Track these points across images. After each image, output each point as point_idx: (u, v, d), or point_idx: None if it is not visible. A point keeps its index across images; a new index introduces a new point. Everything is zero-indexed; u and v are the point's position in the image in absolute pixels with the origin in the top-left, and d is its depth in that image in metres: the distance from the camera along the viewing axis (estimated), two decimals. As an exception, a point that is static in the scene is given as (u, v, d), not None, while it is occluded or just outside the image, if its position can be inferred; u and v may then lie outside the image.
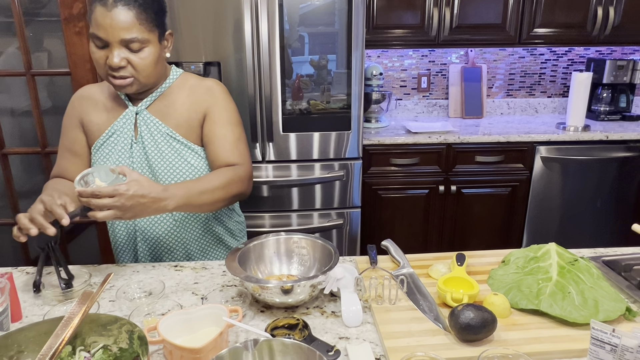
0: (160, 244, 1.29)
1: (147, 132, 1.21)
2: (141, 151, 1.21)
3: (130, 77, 1.12)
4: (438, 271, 1.10)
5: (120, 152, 1.21)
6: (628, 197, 2.67)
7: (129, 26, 1.06)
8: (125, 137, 1.21)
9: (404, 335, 0.89)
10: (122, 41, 1.07)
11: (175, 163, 1.21)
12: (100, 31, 1.06)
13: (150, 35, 1.10)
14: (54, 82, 2.72)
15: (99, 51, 1.10)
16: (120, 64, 1.08)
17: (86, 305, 0.83)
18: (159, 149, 1.20)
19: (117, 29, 1.05)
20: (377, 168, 2.52)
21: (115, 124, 1.22)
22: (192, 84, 1.24)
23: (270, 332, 0.89)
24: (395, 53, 2.97)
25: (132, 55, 1.09)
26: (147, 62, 1.11)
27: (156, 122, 1.21)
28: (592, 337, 0.72)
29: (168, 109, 1.22)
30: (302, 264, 1.14)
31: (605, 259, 1.15)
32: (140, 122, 1.21)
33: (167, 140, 1.21)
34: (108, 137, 1.22)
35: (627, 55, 3.07)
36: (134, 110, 1.21)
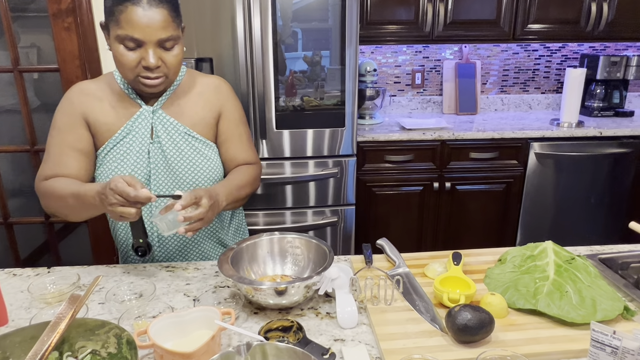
0: (174, 244, 1.26)
1: (163, 132, 1.18)
2: (159, 151, 1.17)
3: (163, 77, 1.10)
4: (434, 270, 1.09)
5: (137, 152, 1.16)
6: (621, 193, 2.67)
7: (165, 25, 1.03)
8: (142, 138, 1.17)
9: (400, 337, 0.87)
10: (158, 41, 1.04)
11: (195, 160, 1.19)
12: (136, 32, 1.02)
13: (178, 32, 1.09)
14: (44, 78, 2.67)
15: (130, 53, 1.05)
16: (158, 64, 1.06)
17: (73, 309, 0.80)
18: (178, 148, 1.18)
19: (155, 29, 1.02)
20: (371, 165, 2.50)
21: (129, 124, 1.17)
22: (200, 82, 1.23)
23: (264, 334, 0.87)
24: (389, 49, 2.94)
25: (166, 54, 1.07)
26: (179, 60, 1.10)
27: (173, 122, 1.18)
28: (592, 339, 0.71)
29: (182, 108, 1.20)
30: (296, 264, 1.12)
31: (602, 257, 1.14)
32: (156, 121, 1.17)
33: (186, 139, 1.19)
34: (122, 138, 1.17)
35: (621, 51, 3.07)
36: (150, 109, 1.17)
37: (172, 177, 1.19)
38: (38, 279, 1.07)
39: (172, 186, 1.20)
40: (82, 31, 2.10)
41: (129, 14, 1.01)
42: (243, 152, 1.26)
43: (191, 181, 1.20)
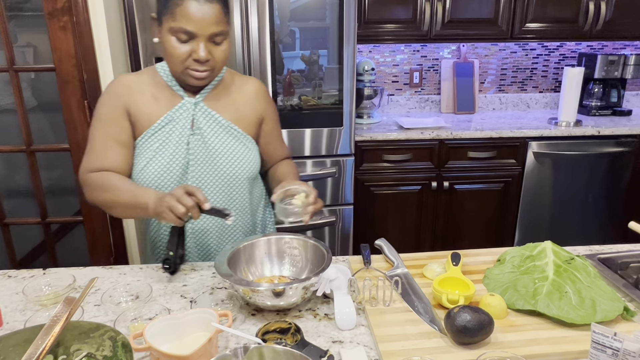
0: (208, 239, 1.25)
1: (205, 124, 1.19)
2: (200, 142, 1.19)
3: (210, 70, 1.13)
4: (433, 271, 1.08)
5: (176, 142, 1.17)
6: (619, 192, 2.67)
7: (218, 19, 1.07)
8: (182, 128, 1.18)
9: (399, 339, 0.87)
10: (211, 35, 1.08)
11: (238, 152, 1.22)
12: (190, 25, 1.05)
13: (228, 27, 1.13)
14: (41, 78, 2.66)
15: (182, 45, 1.08)
16: (208, 57, 1.09)
17: (68, 311, 0.79)
18: (221, 140, 1.20)
19: (209, 23, 1.06)
20: (369, 164, 2.50)
21: (170, 114, 1.18)
22: (240, 81, 1.28)
23: (262, 337, 0.86)
24: (387, 48, 2.94)
25: (215, 48, 1.11)
26: (226, 55, 1.14)
27: (214, 114, 1.21)
28: (593, 340, 0.70)
29: (224, 103, 1.23)
30: (294, 265, 1.11)
31: (601, 257, 1.14)
32: (198, 113, 1.20)
33: (229, 132, 1.22)
34: (161, 127, 1.18)
35: (618, 50, 3.07)
36: (192, 101, 1.19)
37: (212, 168, 1.20)
38: (33, 281, 1.06)
39: (209, 177, 1.21)
40: (78, 30, 2.08)
41: (185, 7, 1.04)
42: (282, 149, 1.37)
43: (230, 173, 1.21)
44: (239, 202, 1.25)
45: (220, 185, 1.21)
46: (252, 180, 1.26)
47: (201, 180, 1.20)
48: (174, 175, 1.18)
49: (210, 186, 1.21)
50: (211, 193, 1.21)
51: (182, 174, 1.18)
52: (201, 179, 1.20)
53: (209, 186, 1.21)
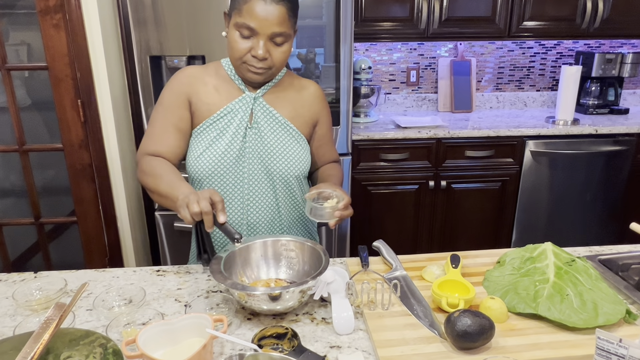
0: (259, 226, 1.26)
1: (263, 118, 1.22)
2: (256, 136, 1.21)
3: (267, 69, 1.15)
4: (432, 273, 1.07)
5: (233, 133, 1.20)
6: (616, 191, 2.67)
7: (281, 21, 1.09)
8: (241, 120, 1.20)
9: (398, 344, 0.85)
10: (271, 34, 1.10)
11: (292, 149, 1.23)
12: (253, 21, 1.08)
13: (291, 31, 1.14)
14: (35, 76, 2.62)
15: (243, 41, 1.12)
16: (265, 55, 1.11)
17: (59, 318, 0.77)
18: (277, 136, 1.22)
19: (271, 22, 1.08)
20: (366, 163, 2.48)
21: (230, 106, 1.21)
22: (299, 83, 1.30)
23: (258, 342, 0.84)
24: (384, 46, 2.92)
25: (274, 49, 1.13)
26: (285, 57, 1.16)
27: (272, 111, 1.22)
28: (598, 347, 0.69)
29: (282, 101, 1.25)
30: (290, 268, 1.09)
31: (602, 258, 1.13)
32: (257, 108, 1.22)
33: (285, 129, 1.23)
34: (220, 117, 1.20)
35: (616, 48, 3.06)
36: (252, 95, 1.21)
37: (265, 162, 1.21)
38: (24, 285, 1.04)
39: (262, 171, 1.22)
40: (71, 28, 2.05)
41: (252, 5, 1.08)
42: (332, 152, 1.39)
43: (281, 168, 1.22)
44: (286, 198, 1.26)
45: (270, 179, 1.23)
46: (302, 178, 1.27)
47: (253, 172, 1.22)
48: (228, 165, 1.20)
49: (261, 179, 1.22)
50: (261, 186, 1.22)
51: (236, 164, 1.20)
52: (254, 172, 1.21)
53: (260, 179, 1.22)
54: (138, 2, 2.04)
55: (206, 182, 1.21)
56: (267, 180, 1.23)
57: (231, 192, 1.22)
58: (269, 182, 1.23)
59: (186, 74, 1.24)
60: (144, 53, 2.10)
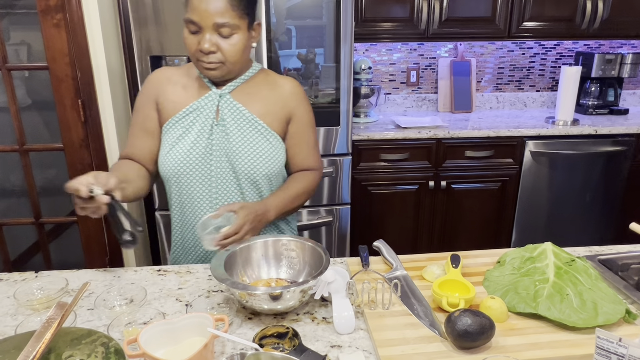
0: None
1: (229, 115, 1.20)
2: (222, 133, 1.20)
3: (218, 63, 1.13)
4: (432, 273, 1.07)
5: (199, 131, 1.19)
6: (616, 191, 2.67)
7: (222, 10, 1.08)
8: (206, 118, 1.20)
9: (399, 343, 0.85)
10: (214, 25, 1.09)
11: (259, 146, 1.20)
12: (194, 15, 1.08)
13: (240, 22, 1.12)
14: (35, 76, 2.63)
15: (191, 36, 1.12)
16: (211, 49, 1.10)
17: (60, 317, 0.77)
18: (243, 133, 1.20)
19: (211, 13, 1.08)
20: (366, 164, 2.48)
21: (196, 103, 1.21)
22: (275, 80, 1.27)
23: (259, 342, 0.84)
24: (384, 47, 2.92)
25: (222, 41, 1.11)
26: (236, 49, 1.13)
27: (240, 107, 1.21)
28: (597, 346, 0.69)
29: (251, 97, 1.23)
30: (291, 267, 1.09)
31: (601, 258, 1.13)
32: (223, 105, 1.21)
33: (253, 125, 1.21)
34: (186, 115, 1.20)
35: (615, 49, 3.06)
36: (218, 92, 1.21)
37: (231, 160, 1.20)
38: (25, 285, 1.04)
39: (229, 170, 1.21)
40: (71, 28, 2.05)
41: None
42: (307, 157, 1.30)
43: (247, 167, 1.20)
44: (254, 198, 1.24)
45: (237, 177, 1.21)
46: (271, 177, 1.24)
47: (221, 170, 1.21)
48: (195, 163, 1.20)
49: (228, 178, 1.21)
50: (229, 185, 1.22)
51: (204, 162, 1.20)
52: (221, 170, 1.21)
53: (228, 178, 1.21)
54: (138, 2, 2.04)
55: (174, 180, 1.22)
56: (234, 179, 1.21)
57: (199, 191, 1.22)
58: (236, 180, 1.22)
59: (156, 75, 1.26)
60: (145, 53, 2.10)
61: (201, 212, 1.23)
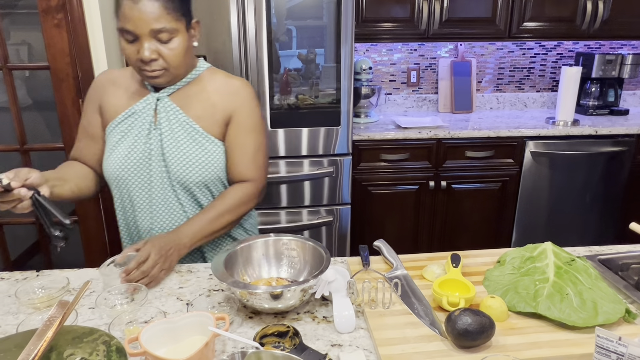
0: None
1: (165, 119, 1.18)
2: (158, 138, 1.18)
3: (162, 70, 1.11)
4: (432, 272, 1.07)
5: (137, 135, 1.18)
6: (616, 191, 2.67)
7: (157, 16, 1.05)
8: (144, 121, 1.18)
9: (399, 342, 0.85)
10: (151, 32, 1.05)
11: (192, 152, 1.17)
12: (129, 24, 1.05)
13: (178, 25, 1.09)
14: (36, 76, 2.63)
15: (129, 46, 1.08)
16: (152, 56, 1.07)
17: (62, 316, 0.77)
18: (175, 137, 1.17)
19: (146, 20, 1.04)
20: (366, 164, 2.49)
21: (135, 107, 1.19)
22: (220, 80, 1.22)
23: (259, 340, 0.85)
24: (384, 47, 2.92)
25: (162, 47, 1.08)
26: (177, 52, 1.10)
27: (176, 110, 1.18)
28: (597, 345, 0.69)
29: (191, 99, 1.19)
30: (292, 267, 1.09)
31: (601, 258, 1.13)
32: (160, 108, 1.18)
33: (185, 129, 1.18)
34: (125, 118, 1.19)
35: (616, 49, 3.07)
36: (156, 95, 1.19)
37: (167, 166, 1.18)
38: (26, 283, 1.04)
39: (166, 176, 1.19)
40: (72, 28, 2.06)
41: (124, 7, 1.05)
42: (241, 164, 1.22)
43: (179, 174, 1.18)
44: (192, 206, 1.22)
45: (172, 184, 1.19)
46: (210, 184, 1.20)
47: (160, 176, 1.19)
48: (133, 167, 1.19)
49: (166, 184, 1.19)
50: (166, 192, 1.20)
51: (142, 168, 1.19)
52: (160, 175, 1.19)
53: (165, 184, 1.19)
54: (139, 2, 2.04)
55: (115, 184, 1.21)
56: (170, 186, 1.19)
57: (139, 196, 1.20)
58: (171, 187, 1.19)
59: (100, 78, 1.25)
60: (146, 53, 2.11)
61: (141, 218, 1.22)
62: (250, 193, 1.22)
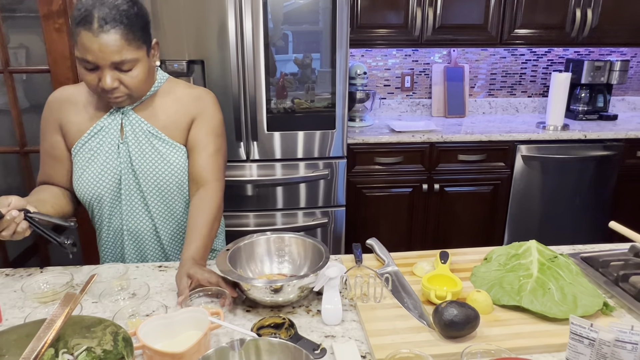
0: (145, 244, 1.28)
1: (131, 132, 1.19)
2: (126, 152, 1.19)
3: (124, 95, 1.12)
4: (422, 269, 1.12)
5: (106, 152, 1.19)
6: (605, 195, 2.73)
7: (118, 49, 1.03)
8: (112, 137, 1.19)
9: (389, 333, 0.90)
10: (112, 64, 1.05)
11: (156, 163, 1.20)
12: (88, 55, 1.03)
13: (139, 53, 1.08)
14: (33, 79, 2.66)
15: (89, 73, 1.07)
16: (113, 85, 1.07)
17: (69, 307, 0.82)
18: (141, 149, 1.19)
19: (106, 53, 1.03)
20: (361, 167, 2.53)
21: (100, 123, 1.19)
22: (182, 91, 1.24)
23: (257, 331, 0.89)
24: (379, 52, 2.98)
25: (124, 75, 1.08)
26: (138, 80, 1.11)
27: (141, 122, 1.20)
28: (571, 331, 0.74)
29: (155, 110, 1.21)
30: (292, 263, 1.14)
31: (584, 256, 1.18)
32: (126, 122, 1.19)
33: (150, 140, 1.20)
34: (91, 137, 1.19)
35: (605, 56, 3.14)
36: (121, 110, 1.19)
37: (136, 178, 1.20)
38: (31, 279, 1.08)
39: (137, 188, 1.21)
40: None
41: (82, 38, 1.02)
42: (203, 166, 1.21)
43: (153, 183, 1.20)
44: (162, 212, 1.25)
45: (143, 195, 1.21)
46: (183, 188, 1.23)
47: (132, 189, 1.21)
48: (108, 184, 1.19)
49: (139, 195, 1.22)
50: (138, 206, 1.22)
51: (117, 183, 1.20)
52: (132, 189, 1.21)
53: (139, 196, 1.22)
54: (139, 8, 2.09)
55: (90, 205, 1.22)
56: (140, 199, 1.21)
57: (113, 212, 1.22)
58: (142, 200, 1.21)
59: (55, 97, 1.22)
60: (145, 57, 2.15)
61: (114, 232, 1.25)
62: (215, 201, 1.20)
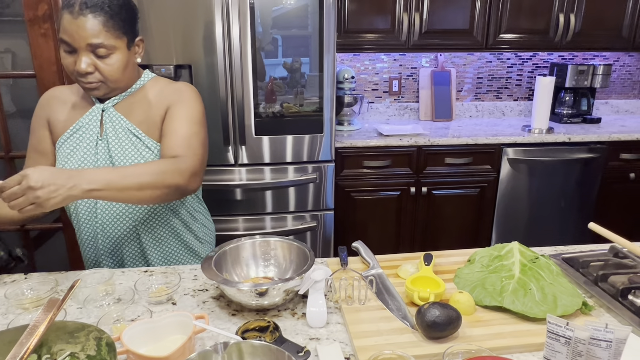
0: (121, 245, 1.28)
1: (111, 129, 1.21)
2: (105, 148, 1.21)
3: (98, 82, 1.14)
4: (406, 271, 1.13)
5: (85, 148, 1.21)
6: (589, 196, 2.78)
7: (96, 33, 1.08)
8: (91, 134, 1.21)
9: (373, 335, 0.91)
10: (88, 46, 1.09)
11: (134, 160, 1.21)
12: (66, 36, 1.08)
13: (117, 42, 1.11)
14: (20, 84, 2.64)
15: (67, 56, 1.11)
16: (87, 69, 1.10)
17: (52, 312, 0.81)
18: (121, 146, 1.21)
19: (83, 35, 1.07)
20: (349, 170, 2.55)
21: (81, 120, 1.22)
22: (162, 85, 1.26)
23: (241, 335, 0.89)
24: (367, 57, 3.01)
25: (99, 62, 1.11)
26: (114, 69, 1.13)
27: (120, 119, 1.21)
28: (548, 330, 0.76)
29: (134, 107, 1.23)
30: (277, 267, 1.14)
31: (565, 256, 1.20)
32: (106, 119, 1.21)
33: (129, 137, 1.21)
34: (73, 133, 1.22)
35: (588, 60, 3.20)
36: (101, 107, 1.22)
37: None
38: (15, 285, 1.07)
39: None
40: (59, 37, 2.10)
41: (64, 20, 1.08)
42: (172, 146, 1.16)
43: None
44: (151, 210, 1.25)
45: None
46: None
47: None
48: None
49: None
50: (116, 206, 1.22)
51: None
52: None
53: None
54: (126, 13, 2.09)
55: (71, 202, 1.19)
56: None
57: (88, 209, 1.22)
58: None
59: (47, 96, 1.27)
60: (132, 62, 2.14)
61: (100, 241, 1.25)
62: (179, 166, 1.12)
